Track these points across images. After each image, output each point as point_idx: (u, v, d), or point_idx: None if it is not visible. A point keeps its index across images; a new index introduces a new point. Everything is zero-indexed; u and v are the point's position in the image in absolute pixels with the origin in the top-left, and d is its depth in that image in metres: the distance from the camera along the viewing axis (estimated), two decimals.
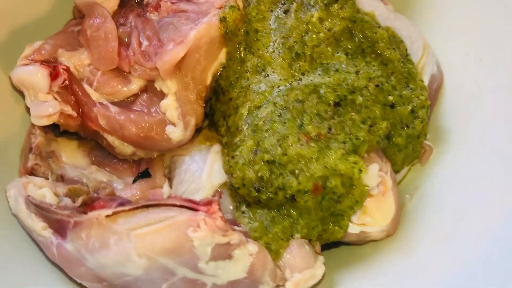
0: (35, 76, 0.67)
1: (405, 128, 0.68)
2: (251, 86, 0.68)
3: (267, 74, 0.69)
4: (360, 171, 0.59)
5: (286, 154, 0.61)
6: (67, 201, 0.60)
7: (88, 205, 0.59)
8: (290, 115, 0.63)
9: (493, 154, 0.68)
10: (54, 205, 0.58)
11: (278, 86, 0.67)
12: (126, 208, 0.55)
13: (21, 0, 0.78)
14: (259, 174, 0.61)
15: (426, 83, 0.73)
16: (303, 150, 0.60)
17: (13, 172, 0.71)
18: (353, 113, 0.64)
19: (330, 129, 0.62)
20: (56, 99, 0.69)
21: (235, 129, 0.68)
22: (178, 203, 0.55)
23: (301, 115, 0.63)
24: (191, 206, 0.54)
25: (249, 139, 0.64)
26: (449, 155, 0.72)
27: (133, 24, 0.74)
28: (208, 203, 0.54)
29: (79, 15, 0.79)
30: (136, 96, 0.72)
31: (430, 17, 0.78)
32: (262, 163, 0.61)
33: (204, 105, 0.71)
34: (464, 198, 0.65)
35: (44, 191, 0.61)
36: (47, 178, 0.69)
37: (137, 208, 0.55)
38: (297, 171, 0.60)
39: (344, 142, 0.61)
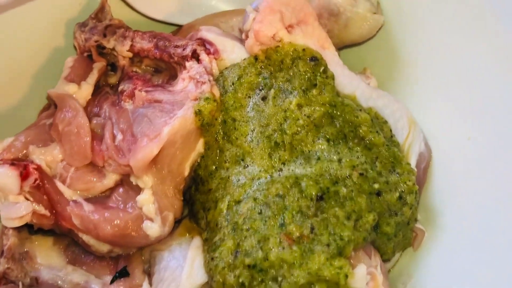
0: (4, 178, 0.65)
1: (394, 216, 0.65)
2: (230, 178, 0.65)
3: (247, 165, 0.66)
4: (347, 276, 0.56)
5: (267, 259, 0.57)
6: None
7: None
8: (271, 212, 0.60)
9: (488, 237, 0.64)
10: None
11: (258, 178, 0.64)
12: None
13: None
14: (240, 280, 0.58)
15: (413, 163, 0.70)
16: (285, 254, 0.57)
17: None
18: (336, 208, 0.60)
19: (313, 228, 0.59)
20: (28, 199, 0.66)
21: (214, 225, 0.64)
22: None
23: (282, 212, 0.60)
24: None
25: (229, 239, 0.61)
26: (441, 239, 0.69)
27: (107, 114, 0.71)
28: None
29: (53, 103, 0.77)
30: (111, 190, 0.69)
31: (416, 92, 0.76)
32: (243, 267, 0.58)
33: (182, 198, 0.68)
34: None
35: None
36: (23, 283, 0.66)
37: None
38: (279, 278, 0.56)
39: (328, 245, 0.57)
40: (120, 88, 0.74)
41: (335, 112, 0.67)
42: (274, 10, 0.69)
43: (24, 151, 0.68)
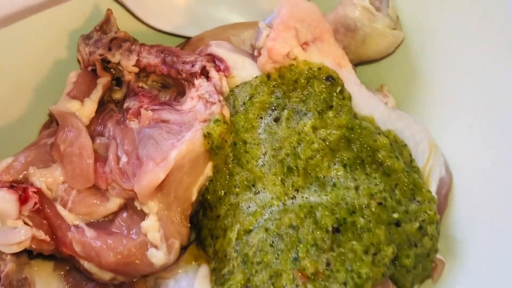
0: (2, 203, 0.61)
1: (414, 248, 0.61)
2: (240, 204, 0.62)
3: (258, 191, 0.62)
4: None
5: None
6: None
7: None
8: (283, 245, 0.57)
9: (507, 271, 0.60)
10: None
11: (270, 206, 0.60)
12: None
13: None
14: None
15: (434, 189, 0.66)
16: None
17: None
18: (354, 242, 0.57)
19: (328, 264, 0.55)
20: (27, 223, 0.63)
21: (223, 255, 0.61)
22: None
23: (296, 246, 0.56)
24: None
25: (238, 272, 0.57)
26: (463, 270, 0.65)
27: (111, 133, 0.68)
28: None
29: (55, 119, 0.73)
30: (115, 214, 0.65)
31: (436, 112, 0.71)
32: None
33: (188, 225, 0.65)
34: None
35: None
36: None
37: None
38: None
39: (345, 284, 0.54)
40: (126, 105, 0.71)
41: (352, 135, 0.63)
42: (288, 27, 0.65)
43: (24, 173, 0.65)
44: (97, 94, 0.71)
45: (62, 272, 0.68)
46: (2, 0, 0.67)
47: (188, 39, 0.83)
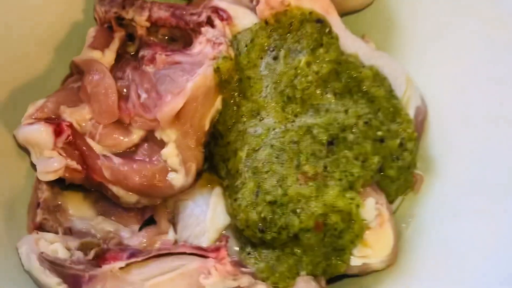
0: (40, 135, 0.70)
1: (396, 161, 0.72)
2: (247, 130, 0.72)
3: (262, 118, 0.72)
4: (358, 206, 0.63)
5: (286, 194, 0.64)
6: (79, 254, 0.62)
7: (100, 257, 0.61)
8: (287, 156, 0.67)
9: (478, 182, 0.71)
10: (68, 260, 0.60)
11: (274, 129, 0.70)
12: (139, 259, 0.57)
13: (19, 60, 0.81)
14: (262, 215, 0.64)
15: (411, 115, 0.77)
16: (302, 189, 0.63)
17: (21, 228, 0.73)
18: (346, 151, 0.67)
19: (325, 167, 0.65)
20: (61, 154, 0.72)
21: (235, 172, 0.71)
22: (188, 251, 0.57)
23: (297, 156, 0.67)
24: (201, 253, 0.57)
25: (250, 181, 0.67)
26: (438, 183, 0.75)
27: (130, 77, 0.77)
28: (217, 249, 0.57)
29: (77, 71, 0.82)
30: (137, 146, 0.75)
31: (411, 52, 0.82)
32: (264, 204, 0.64)
33: (203, 150, 0.75)
34: (456, 226, 0.68)
35: (56, 246, 0.64)
36: (56, 232, 0.71)
37: (149, 258, 0.57)
38: (298, 210, 0.63)
39: (340, 179, 0.64)
40: (141, 54, 0.80)
41: (340, 68, 0.74)
42: None
43: (56, 111, 0.74)
44: (115, 45, 0.81)
45: (91, 200, 0.77)
46: None
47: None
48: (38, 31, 0.84)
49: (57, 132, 0.71)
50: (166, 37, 0.85)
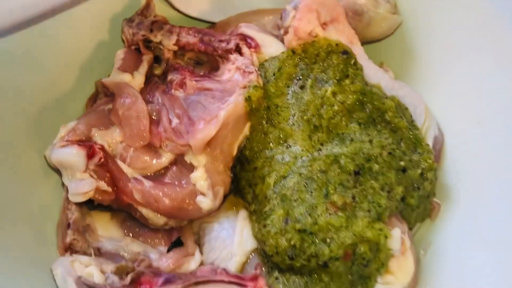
0: (73, 157, 0.72)
1: (417, 190, 0.75)
2: (275, 157, 0.74)
3: (289, 145, 0.75)
4: (386, 237, 0.65)
5: (316, 223, 0.66)
6: (114, 278, 0.64)
7: (135, 281, 0.62)
8: (315, 185, 0.69)
9: (494, 211, 0.75)
10: (107, 285, 0.62)
11: (301, 157, 0.73)
12: (178, 286, 0.59)
13: (46, 80, 0.83)
14: (292, 243, 0.66)
15: (430, 145, 0.80)
16: (333, 219, 0.66)
17: (50, 247, 0.75)
18: (372, 181, 0.70)
19: (354, 197, 0.68)
20: (92, 176, 0.73)
21: (263, 197, 0.73)
22: (226, 279, 0.59)
23: (325, 185, 0.69)
24: (240, 282, 0.59)
25: (279, 208, 0.69)
26: (454, 211, 0.79)
27: (160, 101, 0.79)
28: (254, 278, 0.59)
29: (105, 92, 0.84)
30: (166, 169, 0.77)
31: (429, 83, 0.86)
32: (294, 232, 0.67)
33: (231, 174, 0.77)
34: (473, 255, 0.71)
35: (91, 269, 0.65)
36: (85, 252, 0.73)
37: (188, 285, 0.59)
38: (328, 239, 0.65)
39: (369, 211, 0.67)
40: (169, 78, 0.82)
41: (365, 99, 0.76)
42: (311, 9, 0.78)
43: (87, 134, 0.76)
44: (143, 68, 0.83)
45: (118, 221, 0.78)
46: None
47: (212, 24, 0.95)
48: (65, 52, 0.86)
49: (90, 155, 0.73)
50: (192, 61, 0.87)
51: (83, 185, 0.73)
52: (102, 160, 0.73)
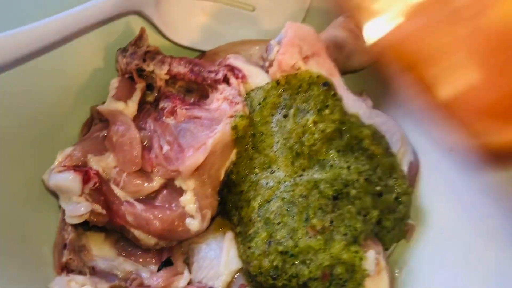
0: (70, 182, 0.76)
1: (392, 213, 0.80)
2: (260, 181, 0.79)
3: (273, 171, 0.80)
4: (361, 259, 0.71)
5: (297, 246, 0.71)
6: None
7: None
8: (297, 209, 0.75)
9: (467, 232, 0.80)
10: None
11: (284, 182, 0.78)
12: None
13: (43, 106, 0.88)
14: (274, 264, 0.71)
15: (405, 170, 0.85)
16: (312, 242, 0.71)
17: (47, 268, 0.79)
18: (349, 206, 0.75)
19: (332, 222, 0.73)
20: (87, 200, 0.78)
21: (248, 220, 0.78)
22: None
23: (306, 209, 0.74)
24: None
25: (262, 231, 0.74)
26: (428, 232, 0.84)
27: (152, 128, 0.84)
28: None
29: (100, 118, 0.89)
30: (157, 192, 0.82)
31: (404, 113, 0.91)
32: (276, 253, 0.72)
33: (218, 198, 0.82)
34: (446, 275, 0.76)
35: None
36: (80, 271, 0.77)
37: None
38: (307, 261, 0.70)
39: (345, 234, 0.72)
40: (161, 105, 0.87)
41: (343, 128, 0.82)
42: (294, 44, 0.84)
43: (83, 159, 0.80)
44: (137, 96, 0.88)
45: (112, 241, 0.83)
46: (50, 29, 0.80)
47: (202, 52, 1.01)
48: (62, 79, 0.91)
49: (85, 180, 0.77)
50: (183, 88, 0.92)
51: (79, 208, 0.77)
52: (97, 184, 0.78)
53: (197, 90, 0.92)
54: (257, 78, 0.87)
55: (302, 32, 0.85)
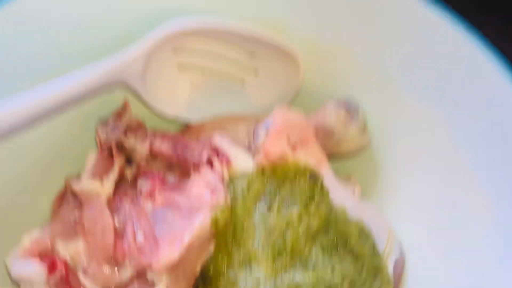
0: (33, 273, 0.71)
1: None
2: (238, 282, 0.74)
3: (253, 270, 0.75)
4: None
5: None
6: None
7: None
8: None
9: None
10: None
11: (264, 285, 0.74)
12: None
13: (14, 177, 0.83)
14: None
15: (391, 270, 0.82)
16: None
17: None
18: None
19: None
20: None
21: None
22: None
23: None
24: None
25: None
26: None
27: (127, 212, 0.80)
28: None
29: (72, 191, 0.84)
30: (127, 284, 0.77)
31: (395, 204, 0.88)
32: None
33: None
34: None
35: None
36: None
37: None
38: None
39: None
40: (139, 185, 0.82)
41: (329, 225, 0.78)
42: (281, 133, 0.80)
43: (51, 244, 0.75)
44: (114, 174, 0.83)
45: None
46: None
47: (187, 124, 0.97)
48: (33, 146, 0.86)
49: (51, 269, 0.72)
50: (164, 163, 0.88)
51: None
52: (64, 275, 0.73)
53: (179, 167, 0.88)
54: (243, 163, 0.83)
55: (290, 119, 0.82)
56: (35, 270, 0.71)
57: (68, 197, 0.86)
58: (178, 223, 0.75)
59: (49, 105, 0.76)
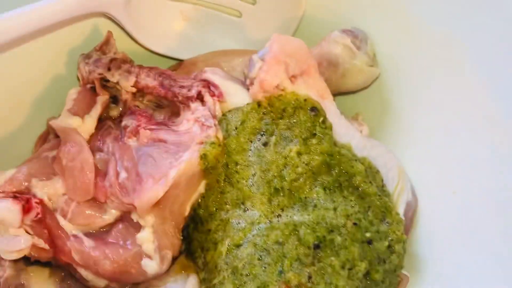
0: (6, 212, 0.65)
1: (383, 264, 0.69)
2: (230, 221, 0.68)
3: (247, 209, 0.68)
4: None
5: None
6: None
7: None
8: (270, 259, 0.63)
9: (464, 282, 0.69)
10: None
11: (258, 223, 0.67)
12: None
13: None
14: None
15: (401, 211, 0.74)
16: None
17: None
18: (332, 257, 0.64)
19: (310, 277, 0.62)
20: (28, 232, 0.67)
21: (213, 266, 0.67)
22: None
23: (281, 260, 0.63)
24: None
25: (228, 282, 0.63)
26: (423, 284, 0.73)
27: (110, 149, 0.73)
28: None
29: (54, 132, 0.77)
30: (111, 225, 0.70)
31: (406, 143, 0.80)
32: None
33: (181, 237, 0.70)
34: None
35: None
36: None
37: None
38: None
39: None
40: (124, 123, 0.75)
41: (332, 161, 0.70)
42: (279, 61, 0.72)
43: (26, 184, 0.69)
44: (96, 111, 0.76)
45: (57, 279, 0.72)
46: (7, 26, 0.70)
47: (179, 61, 0.89)
48: (16, 86, 0.80)
49: (26, 209, 0.66)
50: (153, 103, 0.81)
51: (16, 242, 0.66)
52: (40, 215, 0.67)
53: (168, 106, 0.80)
54: (236, 97, 0.75)
55: (290, 46, 0.74)
56: (8, 210, 0.65)
57: (50, 137, 0.80)
58: (164, 160, 0.68)
59: (23, 28, 0.70)
